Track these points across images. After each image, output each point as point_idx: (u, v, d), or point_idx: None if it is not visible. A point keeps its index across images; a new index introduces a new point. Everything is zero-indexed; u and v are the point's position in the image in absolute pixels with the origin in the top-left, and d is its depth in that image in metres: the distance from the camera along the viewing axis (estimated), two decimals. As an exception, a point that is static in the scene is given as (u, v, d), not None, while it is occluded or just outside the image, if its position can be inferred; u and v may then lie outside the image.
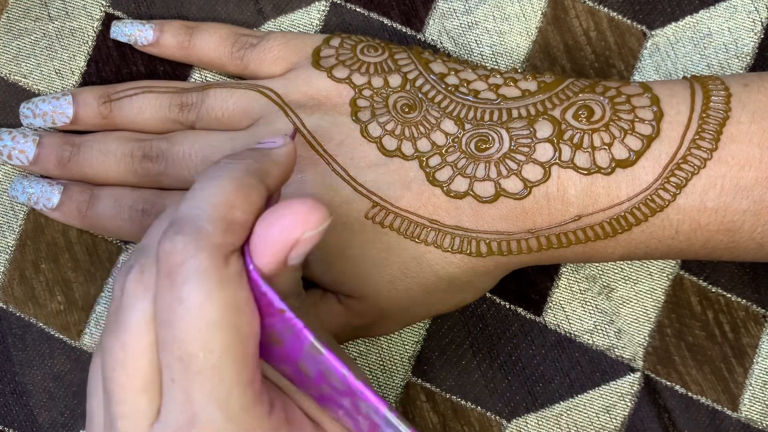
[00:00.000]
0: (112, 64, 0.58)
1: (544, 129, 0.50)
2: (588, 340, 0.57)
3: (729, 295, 0.57)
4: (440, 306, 0.53)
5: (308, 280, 0.57)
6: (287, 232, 0.39)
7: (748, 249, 0.49)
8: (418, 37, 0.58)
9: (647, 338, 0.57)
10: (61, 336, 0.57)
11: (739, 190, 0.48)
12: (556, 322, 0.57)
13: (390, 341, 0.58)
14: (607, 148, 0.49)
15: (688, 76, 0.54)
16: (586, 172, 0.49)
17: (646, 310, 0.57)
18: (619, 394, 0.57)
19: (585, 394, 0.57)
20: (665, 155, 0.48)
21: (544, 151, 0.49)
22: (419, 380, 0.58)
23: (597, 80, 0.52)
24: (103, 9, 0.58)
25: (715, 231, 0.49)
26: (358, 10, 0.58)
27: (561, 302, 0.58)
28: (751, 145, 0.48)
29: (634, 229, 0.49)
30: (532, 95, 0.52)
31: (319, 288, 0.55)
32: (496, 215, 0.50)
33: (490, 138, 0.50)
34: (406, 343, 0.58)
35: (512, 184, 0.49)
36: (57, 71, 0.58)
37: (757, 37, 0.58)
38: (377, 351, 0.58)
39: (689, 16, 0.58)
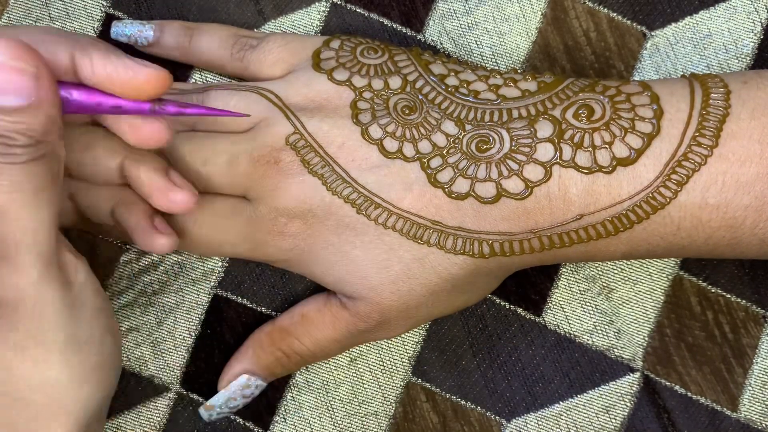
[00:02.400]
0: (112, 65, 0.58)
1: (544, 129, 0.50)
2: (588, 340, 0.57)
3: (729, 296, 0.58)
4: (444, 307, 0.53)
5: (314, 283, 0.57)
6: None
7: (751, 245, 0.50)
8: (418, 37, 0.58)
9: (647, 338, 0.57)
10: (62, 337, 0.57)
11: (741, 186, 0.48)
12: (555, 323, 0.58)
13: (390, 341, 0.58)
14: (607, 146, 0.49)
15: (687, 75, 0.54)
16: (587, 171, 0.49)
17: (646, 310, 0.58)
18: (619, 395, 0.57)
19: (585, 394, 0.57)
20: (666, 153, 0.49)
21: (545, 151, 0.50)
22: (419, 380, 0.58)
23: (597, 80, 0.52)
24: (103, 9, 0.58)
25: (717, 227, 0.49)
26: (358, 10, 0.59)
27: (561, 302, 0.58)
28: (751, 141, 0.48)
29: (635, 227, 0.49)
30: (532, 95, 0.52)
31: (322, 293, 0.55)
32: (498, 216, 0.50)
33: (491, 138, 0.51)
34: (406, 343, 0.58)
35: (513, 185, 0.50)
36: (57, 72, 0.58)
37: (756, 38, 0.58)
38: (377, 351, 0.58)
39: (689, 17, 0.58)
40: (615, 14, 0.58)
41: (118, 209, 0.51)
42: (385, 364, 0.58)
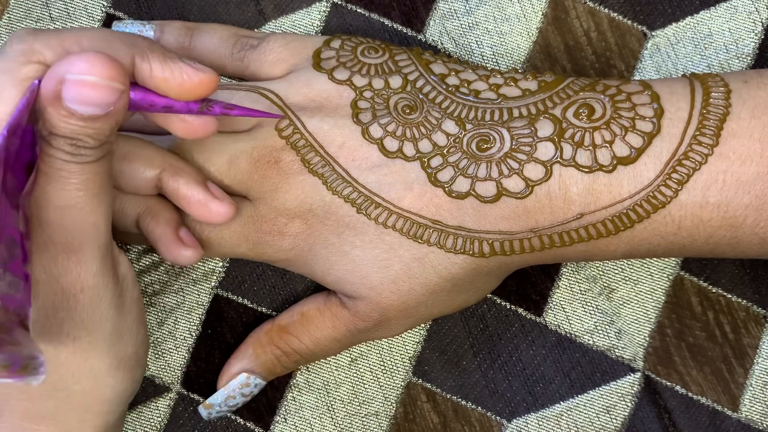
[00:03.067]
0: (113, 65, 0.58)
1: (545, 128, 0.50)
2: (588, 340, 0.57)
3: (729, 296, 0.58)
4: (444, 307, 0.53)
5: (314, 282, 0.57)
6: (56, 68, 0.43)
7: (751, 244, 0.50)
8: (419, 37, 0.58)
9: (647, 339, 0.57)
10: (62, 337, 0.57)
11: (741, 185, 0.48)
12: (556, 323, 0.58)
13: (390, 342, 0.58)
14: (608, 145, 0.49)
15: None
16: (587, 170, 0.49)
17: (647, 310, 0.57)
18: (620, 395, 0.57)
19: (585, 394, 0.57)
20: (666, 152, 0.49)
21: (546, 150, 0.50)
22: (420, 380, 0.58)
23: (597, 79, 0.52)
24: (104, 9, 0.58)
25: (718, 226, 0.49)
26: (358, 10, 0.59)
27: (561, 303, 0.58)
28: (751, 140, 0.48)
29: (636, 226, 0.49)
30: (532, 94, 0.52)
31: (322, 293, 0.55)
32: (499, 215, 0.50)
33: (492, 138, 0.51)
34: (406, 343, 0.58)
35: (514, 184, 0.50)
36: (58, 72, 0.58)
37: (757, 38, 0.58)
38: (378, 351, 0.58)
39: (690, 17, 0.58)
40: (616, 14, 0.58)
41: (145, 219, 0.52)
42: (385, 365, 0.58)
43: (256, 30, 0.58)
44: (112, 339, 0.46)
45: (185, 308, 0.57)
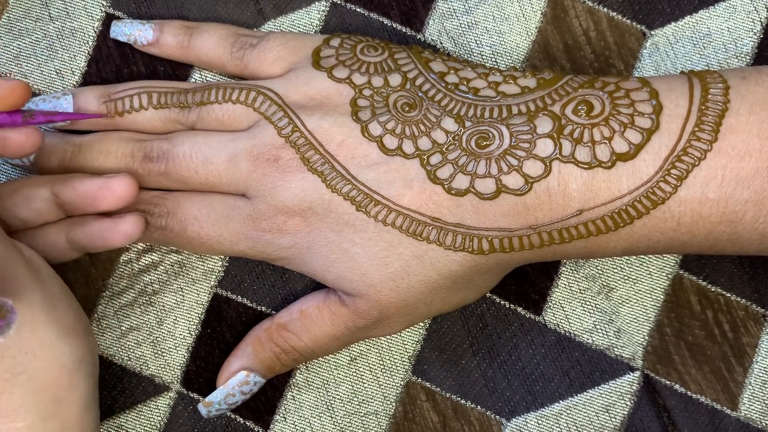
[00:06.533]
0: (112, 64, 0.58)
1: (544, 124, 0.50)
2: (587, 339, 0.57)
3: (728, 295, 0.58)
4: (443, 304, 0.53)
5: (313, 282, 0.57)
6: None
7: (751, 240, 0.50)
8: (418, 37, 0.59)
9: (647, 337, 0.57)
10: (61, 336, 0.57)
11: (740, 181, 0.48)
12: (555, 322, 0.58)
13: (390, 341, 0.58)
14: (607, 142, 0.49)
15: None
16: (586, 166, 0.49)
17: (646, 309, 0.58)
18: (619, 394, 0.57)
19: (584, 393, 0.57)
20: (665, 148, 0.49)
21: (545, 147, 0.50)
22: (419, 380, 0.58)
23: (596, 76, 0.52)
24: (103, 9, 0.58)
25: (717, 222, 0.49)
26: (358, 10, 0.59)
27: (561, 302, 0.58)
28: (750, 135, 0.48)
29: (635, 223, 0.49)
30: (531, 92, 0.52)
31: (321, 290, 0.55)
32: (498, 212, 0.50)
33: (491, 135, 0.51)
34: (406, 342, 0.58)
35: (513, 180, 0.50)
36: (57, 71, 0.58)
37: (756, 37, 0.58)
38: (377, 351, 0.58)
39: (689, 16, 0.58)
40: (615, 13, 0.58)
41: (74, 230, 0.53)
42: (385, 364, 0.58)
43: (255, 29, 0.58)
44: (47, 306, 0.47)
45: (185, 307, 0.57)
